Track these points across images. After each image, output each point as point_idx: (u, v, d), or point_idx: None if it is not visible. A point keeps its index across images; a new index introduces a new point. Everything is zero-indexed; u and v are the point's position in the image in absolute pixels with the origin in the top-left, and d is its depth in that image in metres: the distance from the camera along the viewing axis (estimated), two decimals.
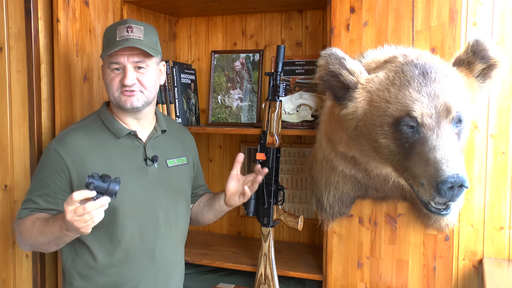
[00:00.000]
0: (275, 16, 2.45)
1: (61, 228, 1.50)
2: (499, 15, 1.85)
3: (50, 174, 1.65)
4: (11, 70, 1.99)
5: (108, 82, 1.69)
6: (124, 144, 1.72)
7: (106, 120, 1.73)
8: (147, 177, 1.72)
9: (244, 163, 2.54)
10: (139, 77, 1.67)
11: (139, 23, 1.71)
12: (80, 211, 1.39)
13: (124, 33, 1.66)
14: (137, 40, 1.66)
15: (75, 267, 1.70)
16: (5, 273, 2.05)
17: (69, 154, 1.65)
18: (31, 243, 1.63)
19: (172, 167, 1.81)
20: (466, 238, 1.92)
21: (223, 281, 2.18)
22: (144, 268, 1.71)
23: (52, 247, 1.63)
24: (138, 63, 1.67)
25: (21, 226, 1.63)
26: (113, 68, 1.67)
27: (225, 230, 2.61)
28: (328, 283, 1.96)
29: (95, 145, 1.69)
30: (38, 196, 1.65)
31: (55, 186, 1.64)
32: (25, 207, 1.66)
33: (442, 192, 1.38)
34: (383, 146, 1.55)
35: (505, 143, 1.87)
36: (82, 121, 1.78)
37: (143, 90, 1.68)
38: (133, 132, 1.73)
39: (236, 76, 2.48)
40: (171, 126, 1.91)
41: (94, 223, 1.43)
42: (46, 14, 1.98)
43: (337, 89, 1.62)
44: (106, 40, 1.71)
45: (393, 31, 1.82)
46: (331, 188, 1.89)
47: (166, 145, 1.82)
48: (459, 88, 1.55)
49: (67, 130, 1.75)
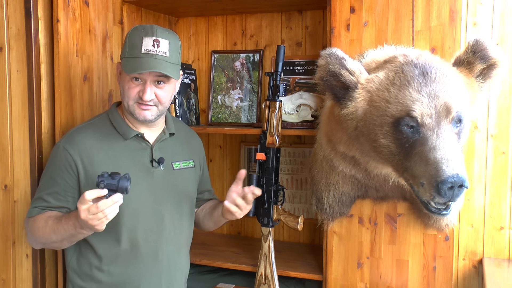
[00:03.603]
0: (275, 16, 2.45)
1: (75, 227, 1.52)
2: (499, 15, 1.85)
3: (60, 172, 1.66)
4: (11, 70, 1.99)
5: (125, 89, 1.67)
6: (131, 146, 1.73)
7: (114, 121, 1.74)
8: (153, 179, 1.73)
9: (244, 163, 2.54)
10: (157, 92, 1.66)
11: (166, 35, 1.65)
12: (93, 210, 1.42)
13: (150, 46, 1.62)
14: (162, 57, 1.62)
15: (79, 266, 1.71)
16: (5, 273, 2.05)
17: (77, 152, 1.66)
18: (43, 241, 1.64)
19: (178, 170, 1.81)
20: (466, 238, 1.92)
21: (223, 281, 2.19)
22: (147, 269, 1.72)
23: (65, 244, 1.64)
24: (159, 77, 1.65)
25: (32, 225, 1.64)
26: (133, 77, 1.64)
27: (225, 230, 2.61)
28: (328, 283, 1.96)
29: (103, 145, 1.70)
30: (48, 194, 1.66)
31: (65, 184, 1.66)
32: (35, 206, 1.67)
33: (442, 192, 1.38)
34: (383, 146, 1.55)
35: (505, 143, 1.87)
36: (91, 120, 1.79)
37: (158, 104, 1.67)
38: (141, 134, 1.73)
39: (236, 76, 2.48)
40: (180, 129, 1.91)
41: (109, 219, 1.45)
42: (46, 14, 1.98)
43: (337, 89, 1.62)
44: (129, 46, 1.66)
45: (393, 31, 1.83)
46: (331, 188, 1.89)
47: (173, 148, 1.82)
48: (459, 88, 1.55)
49: (76, 128, 1.75)
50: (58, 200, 1.66)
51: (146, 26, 1.67)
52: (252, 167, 2.52)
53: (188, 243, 1.89)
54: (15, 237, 2.01)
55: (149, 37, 1.63)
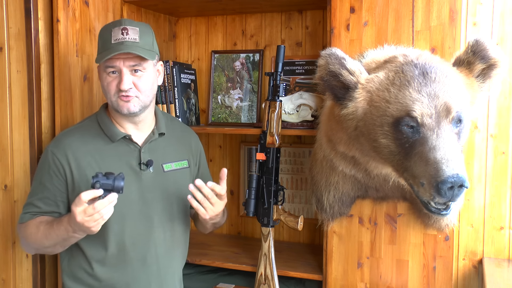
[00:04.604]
0: (275, 16, 2.45)
1: (67, 231, 1.51)
2: (499, 15, 1.85)
3: (48, 176, 1.65)
4: (11, 70, 1.99)
5: (105, 86, 1.67)
6: (119, 148, 1.70)
7: (102, 124, 1.72)
8: (141, 182, 1.70)
9: (244, 163, 2.54)
10: (135, 80, 1.65)
11: (134, 24, 1.68)
12: (89, 211, 1.41)
13: (119, 35, 1.63)
14: (133, 43, 1.63)
15: (70, 269, 1.71)
16: (5, 273, 2.05)
17: (64, 156, 1.65)
18: (36, 246, 1.64)
19: (169, 172, 1.78)
20: (466, 238, 1.92)
21: (223, 281, 2.18)
22: (135, 273, 1.70)
23: (58, 248, 1.64)
24: (134, 67, 1.64)
25: (25, 231, 1.63)
26: (109, 72, 1.64)
27: (225, 230, 2.61)
28: (328, 283, 1.96)
29: (90, 148, 1.68)
30: (39, 199, 1.65)
31: (54, 188, 1.65)
32: (26, 211, 1.66)
33: (442, 192, 1.38)
34: (383, 146, 1.55)
35: (505, 143, 1.87)
36: (80, 123, 1.78)
37: (138, 95, 1.65)
38: (128, 136, 1.71)
39: (236, 76, 2.48)
40: (175, 128, 1.88)
41: (104, 220, 1.45)
42: (46, 14, 1.98)
43: (337, 89, 1.62)
44: (101, 43, 1.68)
45: (393, 31, 1.82)
46: (331, 188, 1.89)
47: (164, 149, 1.79)
48: (459, 88, 1.55)
49: (64, 132, 1.74)
50: (49, 205, 1.65)
51: (114, 21, 1.69)
52: (252, 167, 2.52)
53: (183, 245, 1.85)
54: (15, 237, 2.01)
55: (117, 27, 1.64)
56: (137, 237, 1.69)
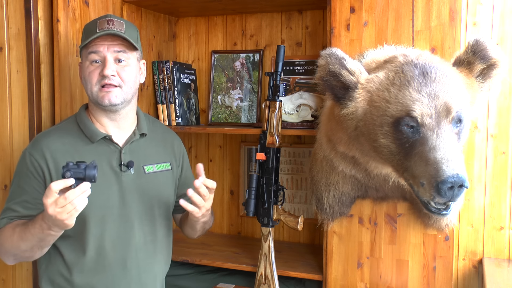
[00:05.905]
0: (275, 16, 2.45)
1: (42, 228, 1.44)
2: (499, 15, 1.85)
3: (27, 179, 1.60)
4: (11, 70, 1.99)
5: (86, 75, 1.63)
6: (98, 149, 1.66)
7: (81, 124, 1.68)
8: (121, 184, 1.66)
9: (244, 163, 2.54)
10: (118, 70, 1.62)
11: (120, 18, 1.68)
12: (61, 202, 1.34)
13: (105, 25, 1.61)
14: (118, 32, 1.62)
15: (48, 274, 1.65)
16: (5, 273, 2.05)
17: (42, 157, 1.60)
18: (13, 252, 1.55)
19: (150, 174, 1.73)
20: (466, 238, 1.92)
21: (223, 281, 2.18)
22: (115, 279, 1.65)
23: (36, 252, 1.55)
24: (118, 54, 1.62)
25: (0, 237, 1.56)
26: (92, 60, 1.62)
27: (225, 230, 2.61)
28: (328, 283, 1.96)
29: (69, 148, 1.63)
30: (17, 203, 1.59)
31: (33, 191, 1.59)
32: (3, 216, 1.60)
33: (442, 192, 1.38)
34: (383, 146, 1.55)
35: (505, 143, 1.87)
36: (59, 124, 1.74)
37: (121, 84, 1.63)
38: (108, 136, 1.67)
39: (236, 76, 2.48)
40: (156, 129, 1.84)
41: (78, 211, 1.37)
42: (46, 14, 1.98)
43: (337, 89, 1.62)
44: (85, 34, 1.65)
45: (393, 31, 1.83)
46: (331, 188, 1.89)
47: (145, 150, 1.74)
48: (459, 88, 1.55)
49: (42, 133, 1.70)
50: (27, 209, 1.58)
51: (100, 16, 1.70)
52: (252, 167, 2.52)
53: (165, 250, 1.79)
54: None
55: (103, 19, 1.64)
56: (117, 240, 1.64)
